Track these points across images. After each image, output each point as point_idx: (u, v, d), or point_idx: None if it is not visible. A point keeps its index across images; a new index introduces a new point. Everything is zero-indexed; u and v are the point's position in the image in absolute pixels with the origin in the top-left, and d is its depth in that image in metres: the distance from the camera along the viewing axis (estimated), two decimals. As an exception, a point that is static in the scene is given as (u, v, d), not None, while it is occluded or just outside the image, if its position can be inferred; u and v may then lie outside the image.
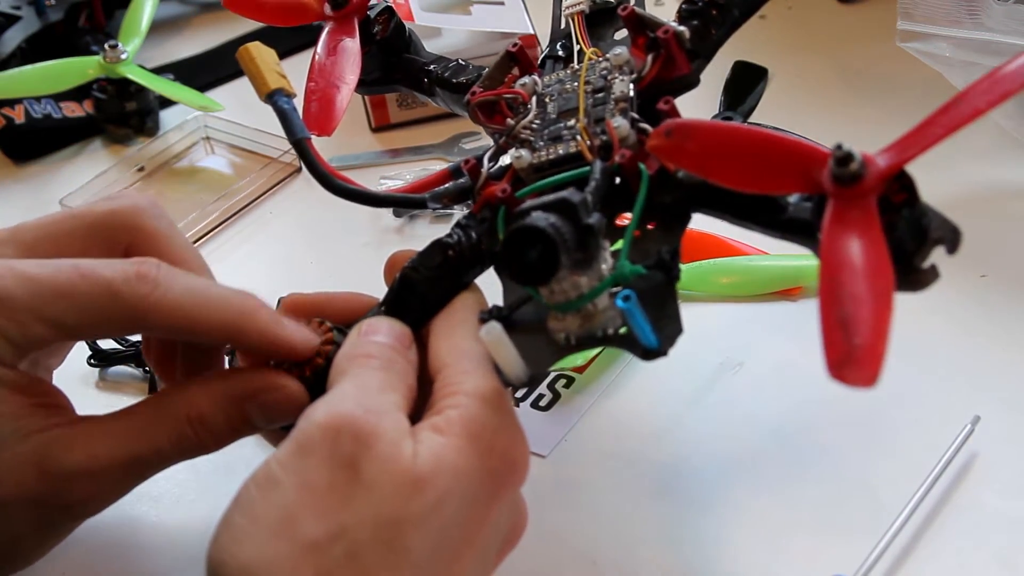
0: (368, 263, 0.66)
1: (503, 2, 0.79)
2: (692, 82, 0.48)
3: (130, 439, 0.44)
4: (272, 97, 0.50)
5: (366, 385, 0.42)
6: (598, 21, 0.53)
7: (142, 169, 0.75)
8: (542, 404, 0.56)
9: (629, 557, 0.48)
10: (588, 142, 0.46)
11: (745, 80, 0.64)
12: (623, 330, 0.41)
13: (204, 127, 0.77)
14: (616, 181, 0.45)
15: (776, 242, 0.43)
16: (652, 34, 0.48)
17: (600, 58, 0.50)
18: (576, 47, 0.52)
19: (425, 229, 0.68)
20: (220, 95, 0.81)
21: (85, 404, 0.57)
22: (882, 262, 0.37)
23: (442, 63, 0.56)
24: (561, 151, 0.47)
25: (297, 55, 0.79)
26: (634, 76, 0.48)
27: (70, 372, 0.55)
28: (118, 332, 0.46)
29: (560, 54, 0.53)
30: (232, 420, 0.45)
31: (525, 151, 0.48)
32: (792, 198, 0.42)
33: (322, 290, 0.49)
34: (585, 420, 0.55)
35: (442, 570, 0.40)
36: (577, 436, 0.54)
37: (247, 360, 0.48)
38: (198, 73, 0.84)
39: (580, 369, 0.57)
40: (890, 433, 0.51)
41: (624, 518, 0.50)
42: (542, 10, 0.78)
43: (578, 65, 0.51)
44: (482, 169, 0.49)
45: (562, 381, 0.57)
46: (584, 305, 0.42)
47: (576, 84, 0.49)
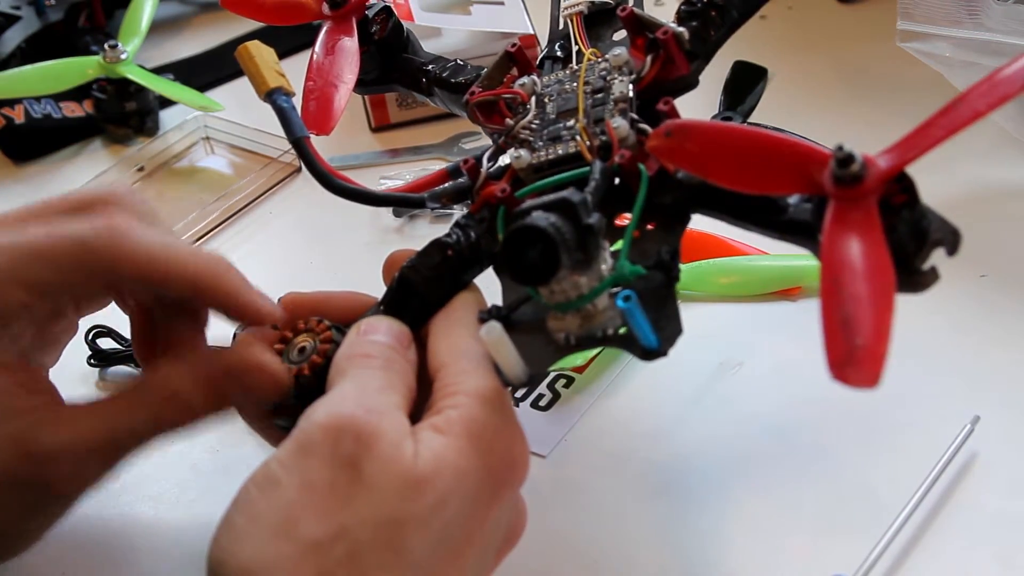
0: (368, 263, 0.66)
1: (503, 2, 0.79)
2: (691, 83, 0.48)
3: (110, 418, 0.44)
4: (271, 96, 0.50)
5: (366, 385, 0.42)
6: (596, 22, 0.53)
7: (142, 169, 0.75)
8: (542, 404, 0.56)
9: (629, 557, 0.48)
10: (587, 142, 0.46)
11: (745, 80, 0.64)
12: (623, 330, 0.41)
13: (204, 127, 0.77)
14: (615, 181, 0.45)
15: (776, 242, 0.43)
16: (651, 35, 0.48)
17: (599, 59, 0.50)
18: (575, 48, 0.52)
19: (425, 229, 0.68)
20: (220, 95, 0.81)
21: (85, 404, 0.58)
22: (883, 263, 0.37)
23: (440, 63, 0.56)
24: (560, 151, 0.47)
25: (295, 55, 0.79)
26: (633, 77, 0.48)
27: (70, 372, 0.55)
28: (94, 286, 0.45)
29: (559, 54, 0.53)
30: (210, 398, 0.45)
31: (524, 151, 0.48)
32: (792, 199, 0.42)
33: (322, 290, 0.49)
34: (585, 420, 0.55)
35: (442, 570, 0.40)
36: (577, 436, 0.54)
37: None
38: (198, 73, 0.84)
39: (580, 369, 0.57)
40: (890, 433, 0.51)
41: (624, 518, 0.50)
42: (542, 10, 0.77)
43: (577, 65, 0.51)
44: (481, 169, 0.49)
45: (562, 381, 0.57)
46: (584, 305, 0.42)
47: (575, 84, 0.49)
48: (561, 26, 0.54)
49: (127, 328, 0.50)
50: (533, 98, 0.50)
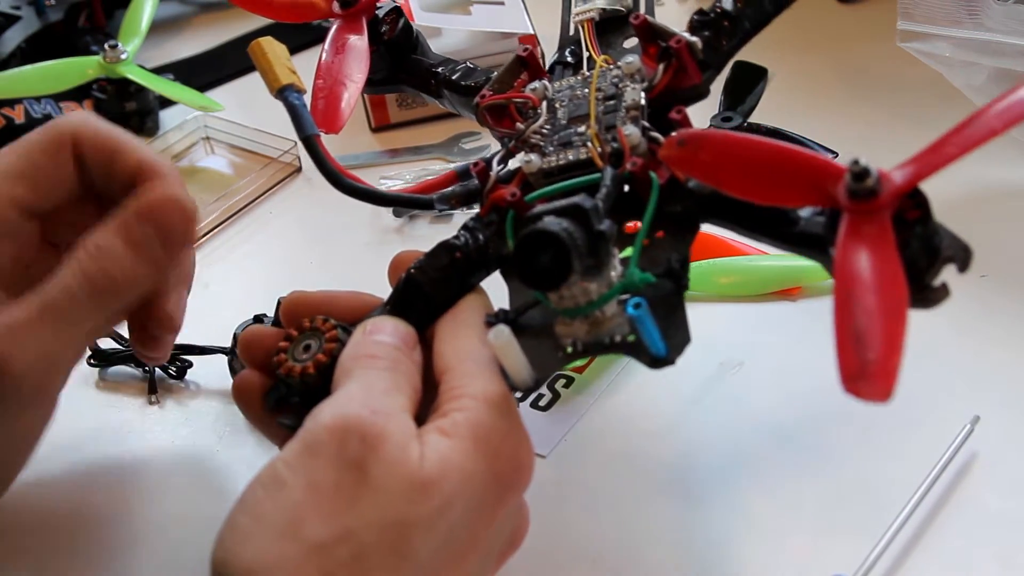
0: (368, 263, 0.66)
1: (503, 2, 0.79)
2: (703, 92, 0.48)
3: (43, 291, 0.45)
4: (283, 93, 0.50)
5: (372, 386, 0.41)
6: (607, 29, 0.53)
7: (142, 169, 0.75)
8: (542, 404, 0.56)
9: (629, 557, 0.48)
10: (599, 149, 0.46)
11: (745, 80, 0.64)
12: (631, 338, 0.42)
13: (204, 127, 0.77)
14: (625, 189, 0.45)
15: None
16: (664, 44, 0.48)
17: (611, 65, 0.50)
18: (585, 54, 0.52)
19: (425, 229, 0.68)
20: (220, 95, 0.81)
21: (85, 404, 0.58)
22: (896, 277, 0.37)
23: (450, 65, 0.56)
24: (571, 157, 0.47)
25: (298, 52, 0.79)
26: (645, 85, 0.48)
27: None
28: (63, 171, 0.48)
29: (569, 60, 0.53)
30: (130, 245, 0.45)
31: (535, 155, 0.48)
32: (804, 212, 0.43)
33: (322, 289, 0.49)
34: (585, 420, 0.55)
35: (446, 573, 0.40)
36: (577, 436, 0.54)
37: (253, 365, 0.47)
38: (198, 73, 0.84)
39: (580, 369, 0.57)
40: (890, 433, 0.51)
41: (624, 518, 0.50)
42: (542, 10, 0.78)
43: (588, 72, 0.51)
44: (491, 172, 0.48)
45: (562, 381, 0.57)
46: (593, 311, 0.42)
47: (587, 91, 0.49)
48: (572, 32, 0.54)
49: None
50: (544, 103, 0.50)
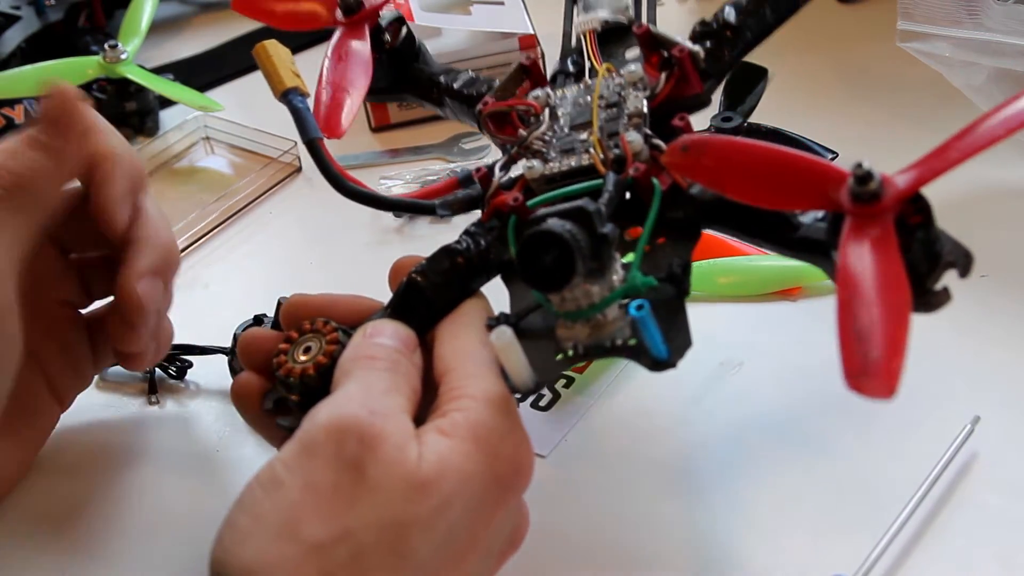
0: (368, 263, 0.66)
1: (503, 2, 0.79)
2: (704, 101, 0.49)
3: None
4: (287, 96, 0.50)
5: (371, 387, 0.42)
6: (609, 40, 0.53)
7: (142, 169, 0.75)
8: (542, 404, 0.56)
9: (629, 556, 0.48)
10: (601, 155, 0.47)
11: (745, 80, 0.64)
12: (632, 341, 0.42)
13: (204, 127, 0.77)
14: (626, 196, 0.46)
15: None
16: (666, 53, 0.48)
17: (614, 74, 0.50)
18: (587, 64, 0.52)
19: (425, 229, 0.68)
20: (220, 95, 0.81)
21: (85, 404, 0.58)
22: (899, 278, 0.37)
23: (452, 74, 0.57)
24: (573, 163, 0.47)
25: (300, 53, 0.78)
26: (647, 93, 0.48)
27: (70, 372, 0.55)
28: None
29: (571, 70, 0.53)
30: (24, 142, 0.47)
31: (537, 162, 0.48)
32: (805, 218, 0.43)
33: (322, 290, 0.49)
34: (585, 420, 0.55)
35: (444, 573, 0.40)
36: (577, 436, 0.54)
37: (252, 368, 0.47)
38: (198, 73, 0.84)
39: (580, 369, 0.57)
40: (890, 433, 0.51)
41: (624, 518, 0.50)
42: (542, 10, 0.78)
43: (591, 80, 0.51)
44: (493, 178, 0.49)
45: (562, 381, 0.56)
46: (594, 315, 0.42)
47: (589, 98, 0.50)
48: (573, 42, 0.55)
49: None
50: (546, 110, 0.50)
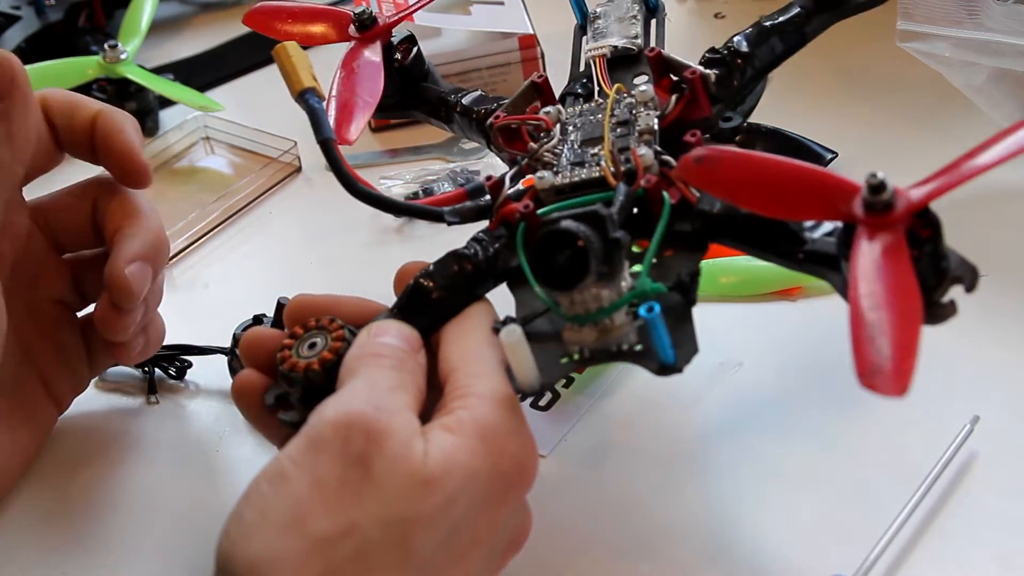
0: (368, 263, 0.66)
1: (503, 2, 0.79)
2: (712, 125, 0.50)
3: None
4: (304, 95, 0.51)
5: (377, 384, 0.42)
6: (618, 66, 0.54)
7: (142, 169, 0.75)
8: (542, 404, 0.56)
9: (628, 557, 0.48)
10: (612, 168, 0.47)
11: (745, 80, 0.63)
12: (638, 347, 0.42)
13: (204, 127, 0.77)
14: (634, 211, 0.46)
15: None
16: (676, 77, 0.49)
17: (625, 94, 0.51)
18: (596, 88, 0.53)
19: (425, 229, 0.68)
20: (220, 95, 0.81)
21: (85, 404, 0.58)
22: (910, 284, 0.38)
23: (461, 93, 0.58)
24: (584, 175, 0.48)
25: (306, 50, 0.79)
26: (658, 113, 0.49)
27: (70, 372, 0.55)
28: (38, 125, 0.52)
29: (579, 92, 0.54)
30: None
31: (548, 173, 0.48)
32: (814, 233, 0.43)
33: (322, 290, 0.49)
34: (585, 419, 0.55)
35: (449, 570, 0.40)
36: (577, 435, 0.54)
37: (254, 367, 0.47)
38: (198, 73, 0.84)
39: (580, 369, 0.57)
40: (890, 433, 0.51)
41: (624, 518, 0.50)
42: (542, 10, 0.78)
43: (602, 100, 0.52)
44: (503, 187, 0.49)
45: (562, 381, 0.56)
46: (602, 319, 0.42)
47: (600, 116, 0.50)
48: (583, 68, 0.56)
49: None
50: (558, 125, 0.51)
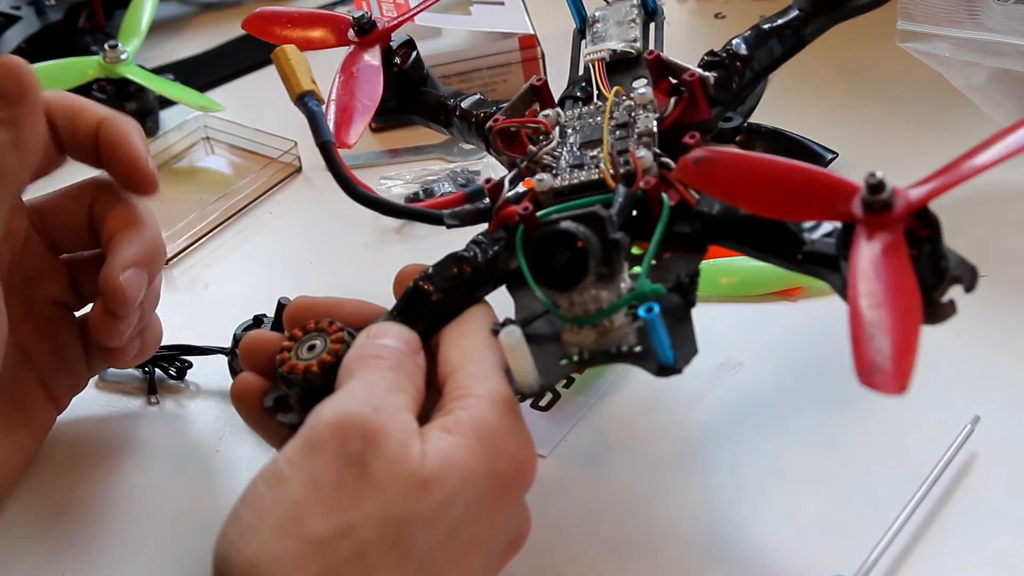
0: (368, 263, 0.66)
1: (503, 2, 0.79)
2: (711, 128, 0.50)
3: None
4: (303, 99, 0.51)
5: (375, 385, 0.42)
6: (617, 69, 0.54)
7: (142, 169, 0.75)
8: (542, 404, 0.56)
9: (628, 557, 0.48)
10: (611, 170, 0.47)
11: (745, 80, 0.63)
12: (637, 348, 0.42)
13: (204, 127, 0.77)
14: (633, 213, 0.46)
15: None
16: (675, 80, 0.49)
17: (624, 97, 0.51)
18: (595, 92, 0.53)
19: (424, 230, 0.67)
20: (220, 95, 0.82)
21: (85, 404, 0.58)
22: (909, 280, 0.38)
23: (460, 97, 0.58)
24: (583, 177, 0.48)
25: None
26: (657, 116, 0.49)
27: (70, 372, 0.55)
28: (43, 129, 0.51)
29: (578, 95, 0.54)
30: None
31: (547, 175, 0.49)
32: (813, 234, 0.43)
33: (322, 290, 0.49)
34: (585, 420, 0.55)
35: (447, 571, 0.40)
36: (577, 436, 0.54)
37: (254, 370, 0.47)
38: (198, 73, 0.84)
39: (579, 370, 0.57)
40: (890, 433, 0.51)
41: (624, 518, 0.50)
42: (542, 10, 0.78)
43: (601, 103, 0.52)
44: (503, 189, 0.49)
45: (562, 381, 0.56)
46: (601, 320, 0.42)
47: (599, 119, 0.51)
48: (581, 72, 0.56)
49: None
50: (557, 128, 0.51)
